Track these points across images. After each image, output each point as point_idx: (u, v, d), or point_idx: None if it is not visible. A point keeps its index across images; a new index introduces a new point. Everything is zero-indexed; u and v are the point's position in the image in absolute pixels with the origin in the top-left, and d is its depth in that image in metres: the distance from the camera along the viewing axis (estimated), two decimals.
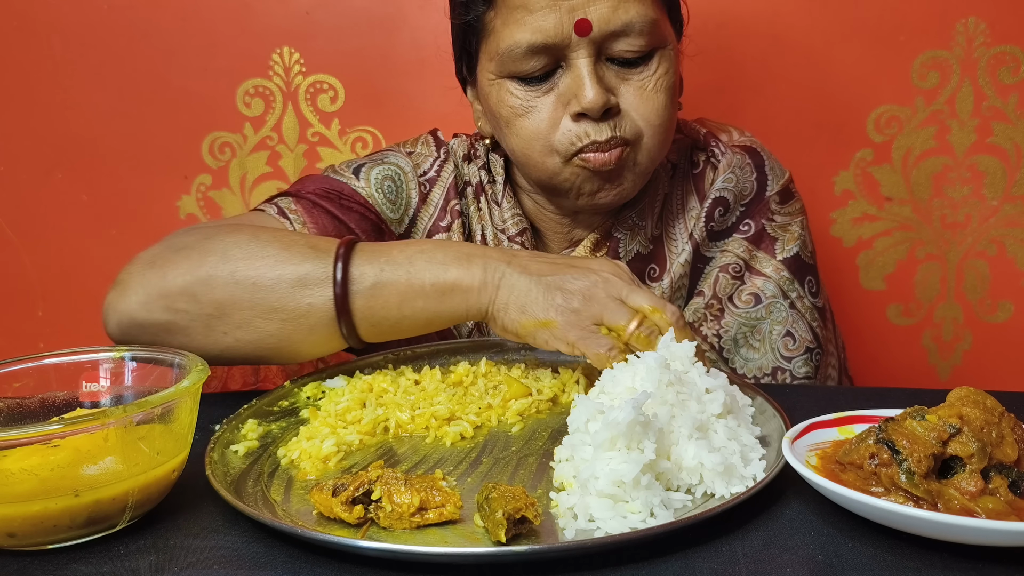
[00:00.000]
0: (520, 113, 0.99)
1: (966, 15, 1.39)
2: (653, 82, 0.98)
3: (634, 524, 0.62)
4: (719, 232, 1.09)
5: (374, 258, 0.88)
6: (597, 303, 0.83)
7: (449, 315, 0.88)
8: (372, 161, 1.12)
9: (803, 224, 1.11)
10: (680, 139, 1.15)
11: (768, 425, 0.77)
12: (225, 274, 0.88)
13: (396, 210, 1.11)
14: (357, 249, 0.89)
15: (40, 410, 0.75)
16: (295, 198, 1.06)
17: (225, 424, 0.81)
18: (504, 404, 0.87)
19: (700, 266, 1.09)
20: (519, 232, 1.10)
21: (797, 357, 1.06)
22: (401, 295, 0.87)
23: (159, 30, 1.47)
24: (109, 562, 0.61)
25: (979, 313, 1.51)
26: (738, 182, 1.09)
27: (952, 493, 0.60)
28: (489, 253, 0.88)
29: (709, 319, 1.08)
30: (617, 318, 0.82)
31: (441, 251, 0.88)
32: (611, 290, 0.84)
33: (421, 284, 0.87)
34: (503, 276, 0.86)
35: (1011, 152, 1.44)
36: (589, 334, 0.82)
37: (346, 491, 0.64)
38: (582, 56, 0.95)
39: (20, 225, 1.55)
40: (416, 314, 0.88)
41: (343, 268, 0.87)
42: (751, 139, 1.13)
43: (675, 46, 1.01)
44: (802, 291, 1.08)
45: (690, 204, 1.11)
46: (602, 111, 0.95)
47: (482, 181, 1.13)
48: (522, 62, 0.96)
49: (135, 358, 0.77)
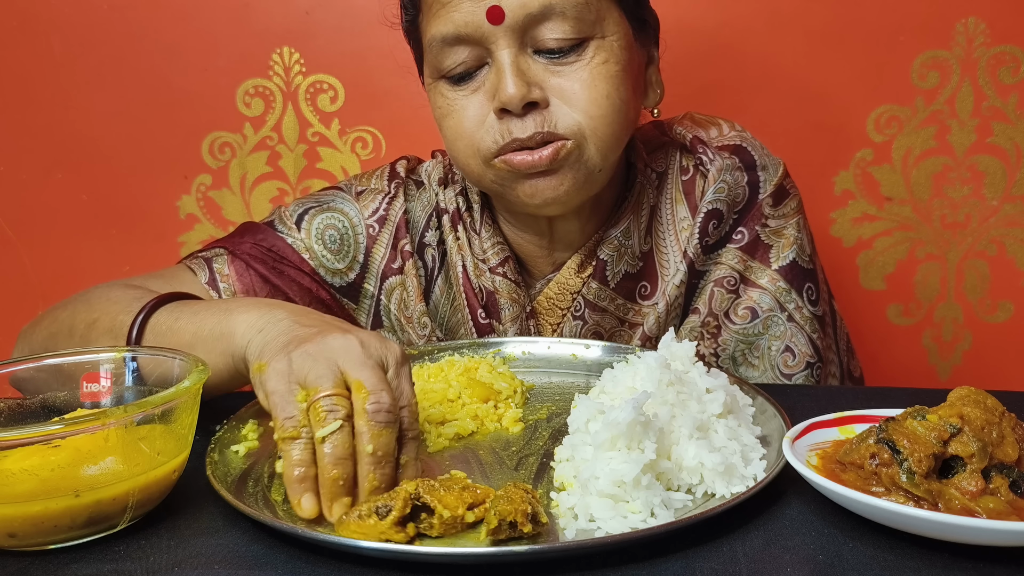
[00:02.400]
0: (446, 113, 0.95)
1: (966, 15, 1.39)
2: (588, 71, 0.91)
3: (634, 524, 0.62)
4: (713, 244, 1.05)
5: (177, 309, 0.85)
6: (312, 361, 0.68)
7: (220, 364, 0.78)
8: (318, 205, 1.08)
9: (799, 224, 1.06)
10: (666, 143, 1.10)
11: (768, 425, 0.77)
12: (65, 329, 0.92)
13: (343, 259, 1.08)
14: (173, 304, 0.87)
15: (40, 410, 0.75)
16: (230, 255, 1.04)
17: (225, 424, 0.81)
18: (498, 410, 0.86)
19: (695, 282, 1.05)
20: (501, 262, 1.05)
21: (797, 373, 1.03)
22: (185, 344, 0.81)
23: (159, 30, 1.47)
24: (109, 562, 0.61)
25: (979, 313, 1.51)
26: (730, 190, 1.03)
27: (953, 493, 0.60)
28: (284, 306, 0.79)
29: (706, 337, 1.04)
30: (318, 380, 0.66)
31: (242, 302, 0.82)
32: (343, 355, 0.68)
33: (203, 331, 0.80)
34: (275, 322, 0.75)
35: (1011, 152, 1.44)
36: (286, 391, 0.67)
37: (392, 512, 0.61)
38: (503, 48, 0.90)
39: (20, 225, 1.55)
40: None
41: (143, 319, 0.85)
42: (740, 134, 1.08)
43: (625, 42, 0.94)
44: (800, 301, 1.04)
45: (680, 214, 1.06)
46: (522, 104, 0.89)
47: (459, 208, 1.07)
48: (444, 57, 0.93)
49: (136, 358, 0.77)
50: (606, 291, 1.05)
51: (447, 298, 1.09)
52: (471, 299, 1.07)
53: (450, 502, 0.63)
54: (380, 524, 0.61)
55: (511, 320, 1.05)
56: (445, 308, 1.10)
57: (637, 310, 1.06)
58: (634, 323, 1.07)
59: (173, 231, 1.54)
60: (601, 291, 1.05)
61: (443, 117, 0.96)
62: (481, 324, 1.07)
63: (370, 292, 1.09)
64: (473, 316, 1.07)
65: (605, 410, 0.70)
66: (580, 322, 1.05)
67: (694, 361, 0.80)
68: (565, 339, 1.02)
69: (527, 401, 0.91)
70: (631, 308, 1.06)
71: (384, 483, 0.65)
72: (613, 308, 1.06)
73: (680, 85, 1.11)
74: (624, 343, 1.05)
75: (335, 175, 1.51)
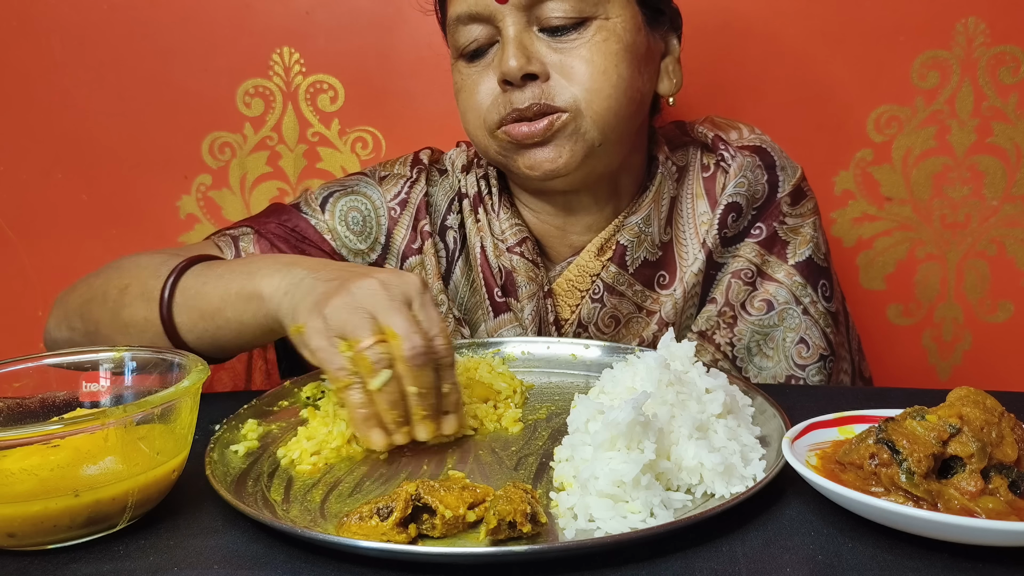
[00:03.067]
0: (460, 88, 1.02)
1: (966, 15, 1.39)
2: (588, 48, 0.96)
3: (634, 524, 0.62)
4: (732, 237, 1.08)
5: (203, 272, 0.92)
6: (347, 314, 0.74)
7: (254, 324, 0.87)
8: (343, 189, 1.13)
9: (815, 224, 1.09)
10: (688, 141, 1.13)
11: (768, 425, 0.77)
12: (99, 295, 0.96)
13: (365, 240, 1.11)
14: (197, 266, 0.93)
15: (40, 410, 0.75)
16: (256, 235, 1.08)
17: (225, 424, 0.81)
18: (497, 410, 0.86)
19: (713, 273, 1.08)
20: (518, 242, 1.08)
21: (811, 365, 1.05)
22: (214, 307, 0.89)
23: (159, 30, 1.47)
24: (109, 562, 0.61)
25: (979, 313, 1.51)
26: (750, 185, 1.07)
27: (952, 493, 0.60)
28: (302, 262, 0.86)
29: (722, 327, 1.06)
30: (356, 331, 0.73)
31: (260, 263, 0.89)
32: (371, 302, 0.75)
33: (229, 294, 0.87)
34: (300, 281, 0.82)
35: (1011, 152, 1.44)
36: (329, 346, 0.74)
37: (394, 513, 0.62)
38: (509, 25, 0.96)
39: (20, 225, 1.54)
40: (229, 324, 0.89)
41: (172, 283, 0.91)
42: (760, 136, 1.11)
43: (630, 24, 0.98)
44: (815, 296, 1.07)
45: (700, 208, 1.10)
46: (520, 75, 0.94)
47: (480, 192, 1.11)
48: (460, 35, 0.99)
49: (135, 358, 0.77)
50: (624, 276, 1.07)
51: (467, 279, 1.12)
52: (488, 278, 1.09)
53: (451, 502, 0.63)
54: (382, 525, 0.61)
55: (528, 298, 1.07)
56: (465, 289, 1.12)
57: (655, 298, 1.09)
58: (651, 310, 1.08)
59: (173, 231, 1.54)
60: (620, 275, 1.06)
61: (458, 92, 1.03)
62: (498, 302, 1.08)
63: None
64: (490, 294, 1.09)
65: (605, 410, 0.70)
66: (599, 304, 1.07)
67: (693, 361, 0.80)
68: (565, 339, 1.02)
69: (527, 401, 0.91)
70: (649, 296, 1.08)
71: (430, 411, 0.75)
72: (631, 294, 1.07)
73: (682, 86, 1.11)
74: (641, 329, 1.08)
75: (335, 175, 1.51)
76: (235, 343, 0.92)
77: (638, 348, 0.98)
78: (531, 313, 1.06)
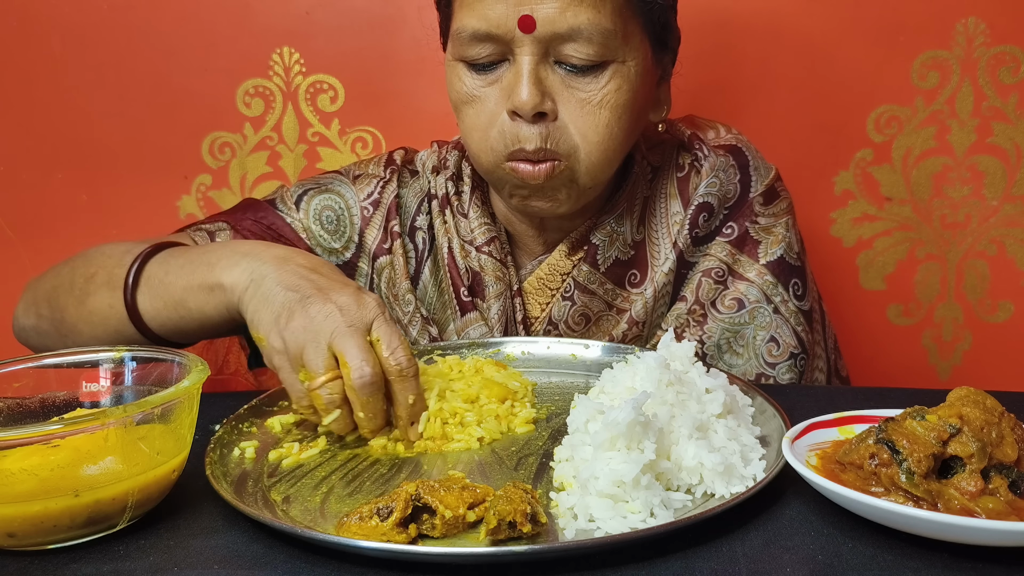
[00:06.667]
0: (466, 100, 0.99)
1: (966, 15, 1.39)
2: (600, 96, 0.94)
3: (634, 524, 0.62)
4: (703, 237, 1.08)
5: (166, 260, 0.92)
6: (304, 339, 0.77)
7: (216, 316, 0.88)
8: (317, 187, 1.14)
9: (788, 224, 1.09)
10: (666, 139, 1.13)
11: (768, 425, 0.77)
12: (66, 283, 0.97)
13: (339, 239, 1.13)
14: (161, 254, 0.93)
15: (40, 410, 0.75)
16: (232, 231, 1.09)
17: (225, 424, 0.81)
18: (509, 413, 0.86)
19: (684, 271, 1.08)
20: (487, 241, 1.08)
21: (781, 363, 1.06)
22: (177, 297, 0.89)
23: (159, 30, 1.47)
24: (109, 562, 0.61)
25: (979, 313, 1.51)
26: (722, 185, 1.07)
27: (952, 493, 0.60)
28: (263, 255, 0.86)
29: (692, 324, 1.07)
30: (311, 363, 0.77)
31: (221, 252, 0.89)
32: (328, 328, 0.77)
33: (192, 285, 0.88)
34: (262, 279, 0.83)
35: (1011, 152, 1.44)
36: (291, 370, 0.79)
37: (394, 513, 0.62)
38: (526, 53, 0.92)
39: (20, 225, 1.54)
40: (191, 314, 0.90)
41: (136, 271, 0.92)
42: (736, 136, 1.11)
43: (642, 66, 0.97)
44: (786, 295, 1.07)
45: (673, 208, 1.10)
46: (533, 112, 0.92)
47: (448, 193, 1.11)
48: (469, 47, 0.96)
49: (135, 358, 0.77)
50: (596, 275, 1.07)
51: (435, 279, 1.12)
52: (455, 278, 1.10)
53: (451, 502, 0.63)
54: (382, 526, 0.61)
55: (495, 297, 1.07)
56: (432, 289, 1.13)
57: (626, 296, 1.09)
58: (622, 308, 1.09)
59: (173, 231, 1.53)
60: (591, 275, 1.07)
61: (461, 103, 1.00)
62: (464, 302, 1.09)
63: (364, 271, 1.14)
64: (457, 294, 1.09)
65: (605, 410, 0.70)
66: (569, 303, 1.07)
67: (693, 361, 0.80)
68: (565, 339, 1.02)
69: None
70: (620, 294, 1.09)
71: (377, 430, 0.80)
72: (602, 292, 1.08)
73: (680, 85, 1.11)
74: (611, 327, 1.08)
75: None
76: (199, 333, 0.94)
77: (638, 348, 0.98)
78: (497, 312, 1.07)
